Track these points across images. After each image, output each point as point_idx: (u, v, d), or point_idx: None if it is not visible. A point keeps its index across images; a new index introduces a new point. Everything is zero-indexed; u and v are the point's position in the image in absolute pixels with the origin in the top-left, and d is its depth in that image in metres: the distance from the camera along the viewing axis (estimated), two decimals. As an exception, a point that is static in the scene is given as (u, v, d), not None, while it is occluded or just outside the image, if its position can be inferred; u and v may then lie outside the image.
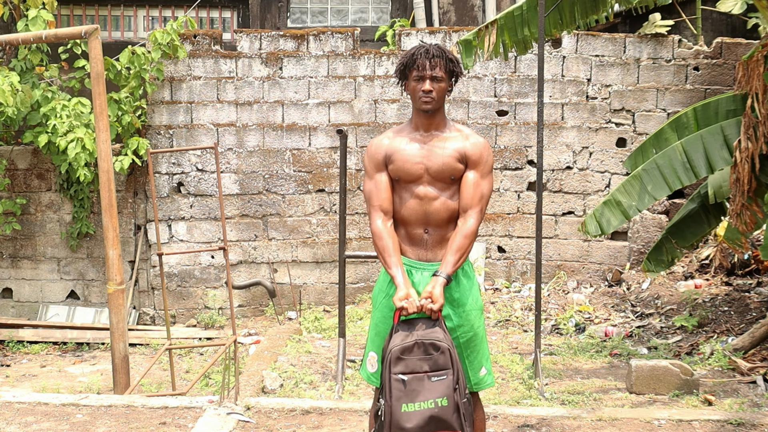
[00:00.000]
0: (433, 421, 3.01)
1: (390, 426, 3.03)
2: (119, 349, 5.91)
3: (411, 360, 3.06)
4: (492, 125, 8.82)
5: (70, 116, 8.07)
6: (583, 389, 5.84)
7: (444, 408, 3.02)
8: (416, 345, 3.07)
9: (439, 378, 3.05)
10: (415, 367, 3.05)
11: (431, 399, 3.01)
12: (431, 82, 3.28)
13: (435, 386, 3.03)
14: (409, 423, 3.00)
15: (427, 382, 3.04)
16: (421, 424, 3.00)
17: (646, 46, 8.71)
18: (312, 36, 8.80)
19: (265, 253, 8.87)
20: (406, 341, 3.08)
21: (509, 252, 8.92)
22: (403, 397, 3.02)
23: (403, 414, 3.01)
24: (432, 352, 3.07)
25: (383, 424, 3.05)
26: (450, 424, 3.02)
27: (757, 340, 6.45)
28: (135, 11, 10.30)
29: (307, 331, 7.88)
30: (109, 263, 5.95)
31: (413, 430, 3.00)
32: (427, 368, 3.05)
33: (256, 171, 8.83)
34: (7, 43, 6.24)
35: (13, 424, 4.47)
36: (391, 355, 3.07)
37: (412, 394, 3.02)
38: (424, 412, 3.01)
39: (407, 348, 3.07)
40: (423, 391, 3.02)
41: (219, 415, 4.53)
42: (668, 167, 6.16)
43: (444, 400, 3.02)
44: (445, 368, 3.06)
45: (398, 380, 3.04)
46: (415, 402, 3.02)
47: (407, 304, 3.10)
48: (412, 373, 3.05)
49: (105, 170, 5.90)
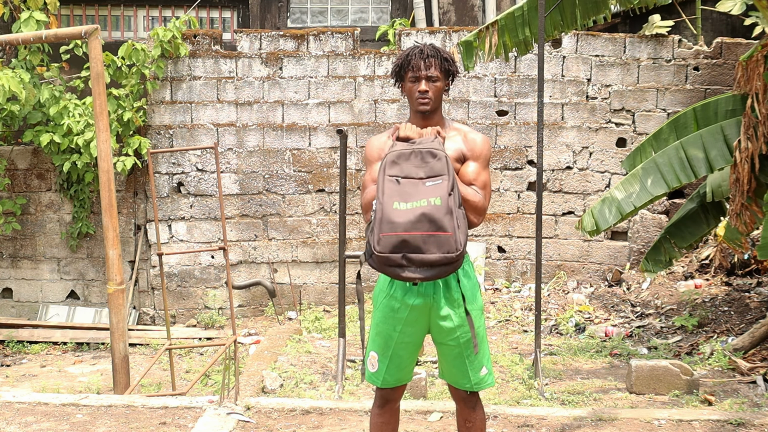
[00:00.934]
0: (425, 219, 2.96)
1: (380, 222, 2.99)
2: (119, 349, 5.91)
3: (406, 165, 3.04)
4: (492, 125, 8.82)
5: (84, 115, 8.09)
6: (583, 389, 5.84)
7: (436, 207, 2.97)
8: (413, 153, 3.06)
9: (434, 182, 3.02)
10: (410, 173, 3.04)
11: (424, 198, 2.99)
12: (427, 82, 3.26)
13: (429, 189, 3.00)
14: (399, 218, 2.96)
15: (422, 186, 3.01)
16: (412, 220, 2.96)
17: (646, 46, 8.71)
18: (312, 36, 8.80)
19: (265, 253, 8.87)
20: (404, 149, 3.08)
21: (509, 252, 8.92)
22: (396, 195, 3.00)
23: (394, 210, 2.98)
24: (429, 159, 3.05)
25: (374, 222, 3.01)
26: (441, 223, 2.96)
27: (757, 340, 6.45)
28: (135, 11, 10.30)
29: (307, 331, 7.88)
30: (109, 263, 5.95)
31: (403, 225, 2.96)
32: (422, 175, 3.03)
33: (256, 171, 8.83)
34: (7, 43, 6.24)
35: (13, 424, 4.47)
36: (386, 159, 3.06)
37: (405, 194, 3.00)
38: (416, 210, 2.97)
39: (404, 154, 3.06)
40: (416, 194, 3.00)
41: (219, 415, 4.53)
42: (667, 166, 6.16)
43: (437, 200, 2.98)
44: (441, 174, 3.03)
45: (392, 180, 3.02)
46: (408, 202, 2.99)
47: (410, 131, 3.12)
48: (407, 177, 3.03)
49: (105, 170, 5.90)
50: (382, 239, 2.98)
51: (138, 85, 8.50)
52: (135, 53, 8.30)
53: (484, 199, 3.21)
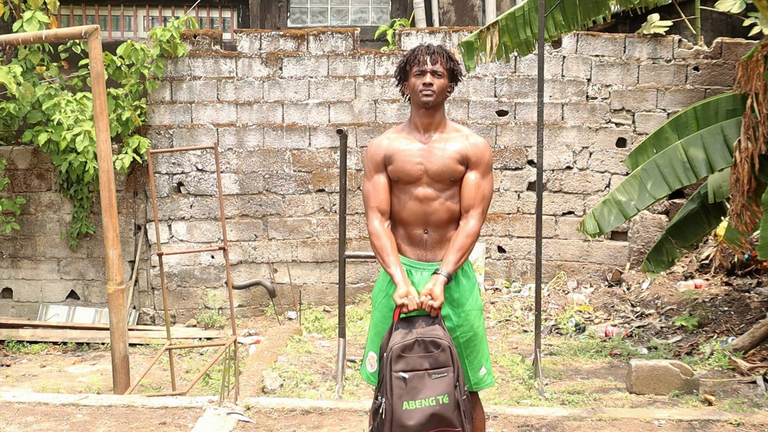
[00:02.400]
0: (435, 419, 3.01)
1: (391, 424, 3.02)
2: (119, 349, 5.91)
3: (411, 358, 3.06)
4: (492, 125, 8.82)
5: (75, 111, 8.08)
6: (583, 389, 5.84)
7: (445, 405, 3.02)
8: (416, 343, 3.07)
9: (440, 375, 3.05)
10: (415, 365, 3.06)
11: (432, 396, 3.02)
12: (432, 76, 3.29)
13: (436, 384, 3.04)
14: (410, 420, 3.00)
15: (428, 380, 3.04)
16: (422, 421, 3.00)
17: (646, 46, 8.71)
18: (312, 36, 8.80)
19: (265, 253, 8.87)
20: (407, 339, 3.08)
21: (509, 252, 8.92)
22: (405, 395, 3.02)
23: (404, 412, 3.01)
24: (432, 349, 3.07)
25: (383, 422, 3.04)
26: (451, 421, 3.02)
27: (757, 340, 6.45)
28: (135, 11, 10.30)
29: (307, 331, 7.88)
30: (109, 263, 5.95)
31: (415, 427, 3.00)
32: (427, 366, 3.06)
33: (256, 171, 8.83)
34: (7, 43, 6.24)
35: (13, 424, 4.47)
36: (391, 353, 3.07)
37: (413, 391, 3.02)
38: (426, 410, 3.01)
39: (407, 346, 3.07)
40: (424, 389, 3.03)
41: (219, 415, 4.53)
42: (668, 167, 6.16)
43: (445, 398, 3.02)
44: (446, 366, 3.06)
45: (399, 378, 3.03)
46: (417, 399, 3.02)
47: (407, 301, 3.10)
48: (413, 370, 3.05)
49: (105, 170, 5.90)
50: None
51: (137, 84, 8.50)
52: (134, 53, 8.30)
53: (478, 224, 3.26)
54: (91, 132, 7.94)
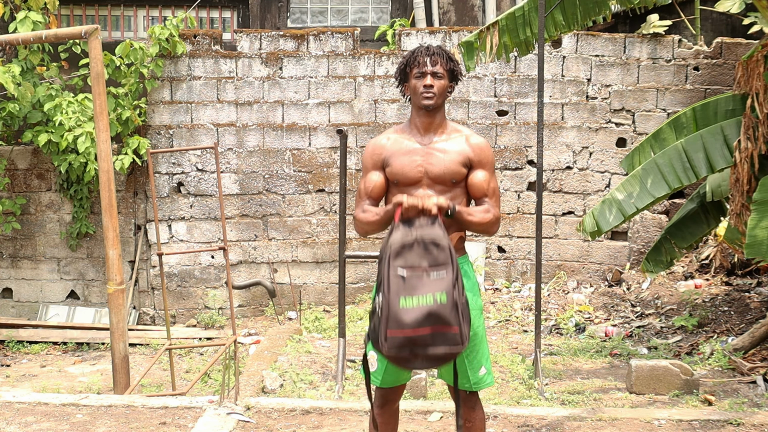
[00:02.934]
0: (432, 317, 2.96)
1: (388, 319, 2.99)
2: (119, 349, 5.91)
3: (410, 255, 3.04)
4: (492, 125, 8.82)
5: (76, 112, 8.08)
6: (583, 389, 5.84)
7: (442, 304, 2.98)
8: (416, 242, 3.06)
9: (439, 275, 3.02)
10: (414, 263, 3.03)
11: (430, 293, 2.99)
12: (432, 77, 3.29)
13: (434, 282, 3.00)
14: (407, 317, 2.96)
15: (426, 278, 3.01)
16: (419, 318, 2.96)
17: (646, 46, 8.71)
18: (312, 36, 8.80)
19: (265, 253, 8.87)
20: (407, 238, 3.07)
21: (509, 252, 8.92)
22: (402, 291, 2.99)
23: (401, 309, 2.98)
24: (432, 249, 3.04)
25: (380, 318, 3.01)
26: (448, 320, 2.97)
27: (757, 340, 6.45)
28: (135, 11, 10.30)
29: (307, 331, 7.88)
30: (109, 263, 5.95)
31: (411, 324, 2.96)
32: (426, 265, 3.03)
33: (256, 171, 8.83)
34: (7, 43, 6.23)
35: (13, 424, 4.47)
36: (390, 250, 3.05)
37: (411, 289, 2.99)
38: (423, 308, 2.97)
39: (407, 244, 3.06)
40: (422, 287, 2.99)
41: (219, 415, 4.53)
42: (668, 166, 6.16)
43: (443, 296, 2.98)
44: (445, 265, 3.03)
45: (397, 275, 3.02)
46: (414, 296, 2.99)
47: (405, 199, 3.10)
48: (412, 268, 3.02)
49: (105, 170, 5.90)
50: (390, 339, 2.98)
51: (137, 84, 8.50)
52: (133, 52, 8.30)
53: (497, 212, 3.27)
54: (93, 133, 7.94)
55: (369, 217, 3.29)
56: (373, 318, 3.08)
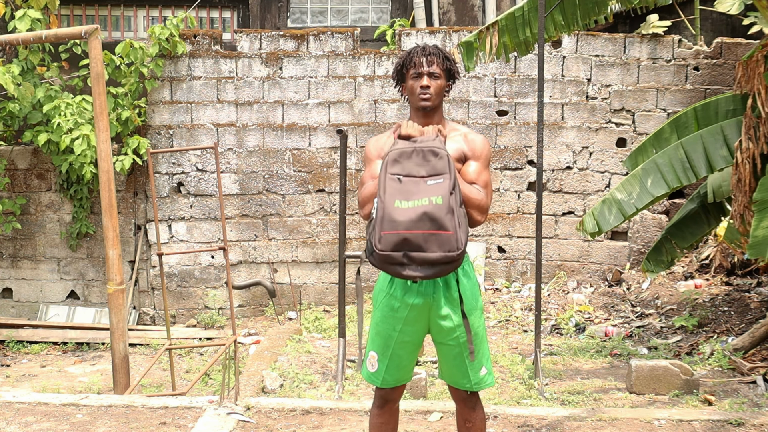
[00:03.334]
0: (426, 218, 2.96)
1: (382, 220, 2.98)
2: (119, 349, 5.91)
3: (408, 163, 3.04)
4: (492, 125, 8.82)
5: (74, 114, 8.08)
6: (583, 389, 5.84)
7: (438, 206, 2.97)
8: (415, 151, 3.06)
9: (436, 181, 3.02)
10: (411, 171, 3.04)
11: (426, 197, 2.99)
12: (428, 78, 3.28)
13: (431, 188, 3.01)
14: (401, 217, 2.97)
15: (423, 185, 3.01)
16: (413, 218, 2.96)
17: (646, 46, 8.71)
18: (312, 36, 8.80)
19: (265, 253, 8.87)
20: (405, 147, 3.08)
21: (509, 252, 8.92)
22: (397, 194, 3.00)
23: (396, 209, 2.98)
24: (430, 158, 3.05)
25: (375, 220, 3.01)
26: (443, 223, 2.96)
27: (757, 340, 6.45)
28: (135, 11, 10.30)
29: (307, 331, 7.88)
30: (109, 263, 5.95)
31: (405, 223, 2.96)
32: (424, 173, 3.03)
33: (256, 171, 8.83)
34: (7, 43, 6.23)
35: (13, 424, 4.47)
36: (388, 157, 3.06)
37: (407, 193, 3.00)
38: (417, 209, 2.97)
39: (405, 152, 3.06)
40: (418, 192, 3.00)
41: (219, 415, 4.53)
42: (668, 166, 6.16)
43: (439, 199, 2.98)
44: (443, 173, 3.03)
45: (394, 178, 3.02)
46: (410, 200, 2.99)
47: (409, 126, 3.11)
48: (409, 176, 3.03)
49: (105, 170, 5.90)
50: (384, 237, 2.98)
51: (137, 84, 8.50)
52: (133, 52, 8.30)
53: (486, 197, 3.22)
54: (90, 136, 7.94)
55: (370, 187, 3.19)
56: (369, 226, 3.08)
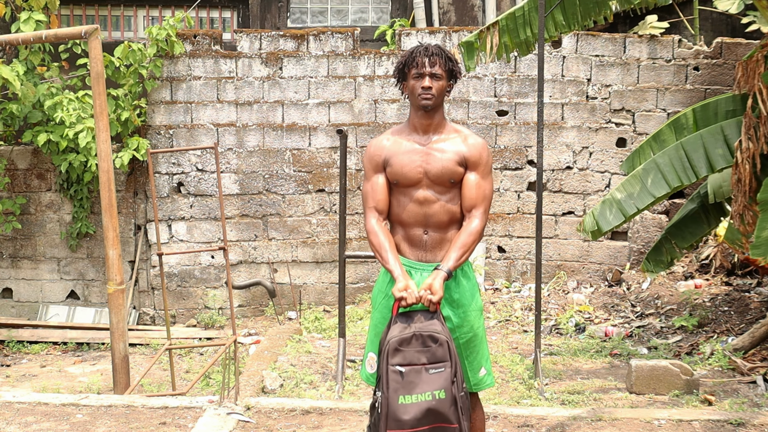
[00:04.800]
0: (431, 414, 2.97)
1: (387, 418, 2.99)
2: (119, 349, 5.91)
3: (409, 352, 3.03)
4: (492, 125, 8.82)
5: (77, 108, 8.08)
6: (583, 389, 5.84)
7: (441, 401, 2.98)
8: (414, 337, 3.05)
9: (437, 370, 3.02)
10: (412, 359, 3.03)
11: (429, 391, 2.98)
12: (430, 79, 3.28)
13: (433, 378, 3.00)
14: (406, 415, 2.97)
15: (425, 375, 3.01)
16: (418, 416, 2.97)
17: (645, 46, 8.71)
18: (312, 36, 8.80)
19: (265, 253, 8.87)
20: (404, 333, 3.05)
21: (509, 252, 8.92)
22: (401, 389, 2.99)
23: (400, 406, 2.98)
24: (430, 344, 3.04)
25: (380, 416, 3.01)
26: (447, 417, 2.99)
27: (757, 340, 6.45)
28: (135, 11, 10.30)
29: (307, 331, 7.88)
30: (109, 263, 5.95)
31: (410, 422, 2.97)
32: (425, 360, 3.03)
33: (256, 171, 8.83)
34: (7, 43, 6.23)
35: (13, 424, 4.47)
36: (388, 347, 3.04)
37: (410, 386, 2.99)
38: (422, 405, 2.97)
39: (405, 339, 3.05)
40: (420, 383, 2.99)
41: (219, 415, 4.53)
42: (668, 167, 6.16)
43: (441, 393, 2.99)
44: (443, 360, 3.03)
45: (396, 372, 3.01)
46: (413, 394, 2.99)
47: (406, 294, 3.08)
48: (410, 365, 3.02)
49: (105, 170, 5.90)
50: None
51: (136, 84, 8.50)
52: (132, 53, 8.30)
53: (483, 220, 3.25)
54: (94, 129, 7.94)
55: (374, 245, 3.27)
56: (373, 414, 3.09)
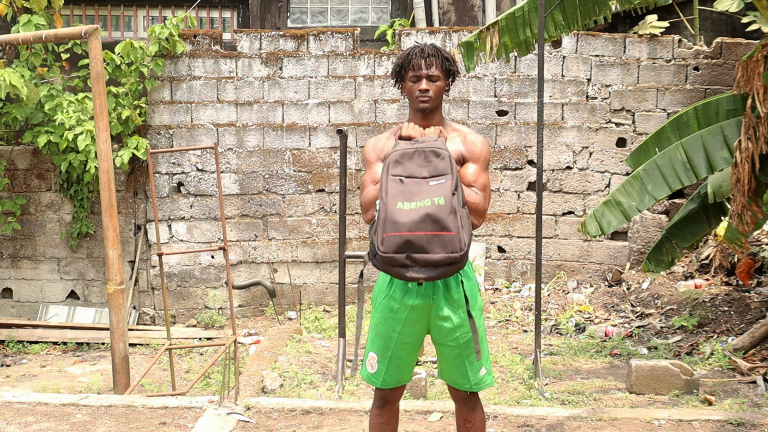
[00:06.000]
0: (429, 219, 2.94)
1: (384, 222, 2.96)
2: (119, 349, 5.91)
3: (410, 165, 3.03)
4: (492, 125, 8.82)
5: (77, 111, 8.08)
6: (583, 389, 5.84)
7: (440, 206, 2.95)
8: (416, 152, 3.05)
9: (438, 182, 3.00)
10: (413, 172, 3.02)
11: (428, 198, 2.97)
12: (428, 81, 3.26)
13: (433, 189, 2.99)
14: (403, 218, 2.95)
15: (425, 186, 2.99)
16: (416, 220, 2.94)
17: (645, 46, 8.71)
18: (312, 36, 8.80)
19: (265, 253, 8.87)
20: (407, 148, 3.07)
21: (509, 252, 8.92)
22: (399, 195, 2.98)
23: (398, 210, 2.96)
24: (432, 158, 3.03)
25: (377, 222, 2.99)
26: (446, 223, 2.95)
27: (757, 340, 6.45)
28: (135, 11, 10.30)
29: (307, 331, 7.88)
30: (109, 263, 5.95)
31: (407, 225, 2.94)
32: (426, 174, 3.02)
33: (256, 171, 8.83)
34: (7, 43, 6.23)
35: (13, 424, 4.47)
36: (390, 158, 3.05)
37: (409, 194, 2.98)
38: (420, 210, 2.95)
39: (407, 153, 3.05)
40: (420, 193, 2.98)
41: (219, 415, 4.53)
42: (668, 167, 6.16)
43: (441, 200, 2.96)
44: (445, 173, 3.01)
45: (395, 180, 3.00)
46: (412, 201, 2.97)
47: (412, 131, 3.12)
48: (411, 177, 3.01)
49: (105, 170, 5.90)
50: (386, 239, 2.96)
51: (137, 83, 8.50)
52: (133, 51, 8.30)
53: (484, 201, 3.21)
54: (93, 131, 7.95)
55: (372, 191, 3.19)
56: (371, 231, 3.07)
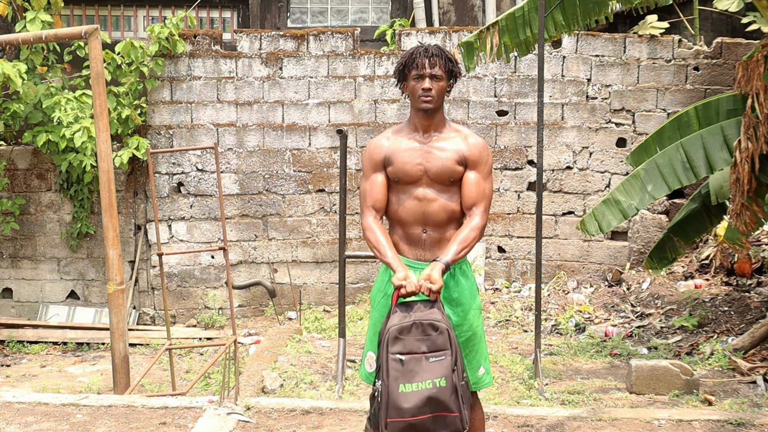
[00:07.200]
0: (431, 402, 2.95)
1: (387, 406, 2.97)
2: (119, 349, 5.91)
3: (409, 340, 3.01)
4: (492, 125, 8.82)
5: (75, 109, 8.08)
6: (583, 389, 5.84)
7: (442, 389, 2.96)
8: (414, 325, 3.03)
9: (438, 359, 3.00)
10: (413, 348, 3.01)
11: (429, 379, 2.96)
12: (430, 80, 3.28)
13: (433, 367, 2.98)
14: (406, 403, 2.95)
15: (425, 363, 2.99)
16: (419, 404, 2.95)
17: (645, 46, 8.71)
18: (312, 36, 8.80)
19: (265, 253, 8.87)
20: (404, 321, 3.03)
21: (509, 252, 8.92)
22: (401, 377, 2.97)
23: (400, 394, 2.96)
24: (430, 332, 3.02)
25: (380, 405, 3.00)
26: (448, 405, 2.97)
27: (757, 340, 6.45)
28: (135, 11, 10.31)
29: (307, 331, 7.88)
30: (109, 263, 5.95)
31: (411, 410, 2.95)
32: (425, 349, 3.01)
33: (256, 171, 8.83)
34: (7, 43, 6.24)
35: (13, 424, 4.47)
36: (388, 335, 3.02)
37: (410, 374, 2.97)
38: (422, 393, 2.95)
39: (405, 328, 3.03)
40: (421, 372, 2.97)
41: (219, 415, 4.53)
42: (668, 167, 6.17)
43: (442, 381, 2.97)
44: (444, 349, 3.01)
45: (396, 360, 2.99)
46: (413, 382, 2.97)
47: (405, 283, 3.06)
48: (410, 353, 3.00)
49: (105, 170, 5.90)
50: (390, 424, 2.97)
51: (137, 83, 8.50)
52: (133, 51, 8.30)
53: (484, 219, 3.25)
54: (90, 129, 7.94)
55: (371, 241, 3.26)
56: (373, 403, 3.07)
